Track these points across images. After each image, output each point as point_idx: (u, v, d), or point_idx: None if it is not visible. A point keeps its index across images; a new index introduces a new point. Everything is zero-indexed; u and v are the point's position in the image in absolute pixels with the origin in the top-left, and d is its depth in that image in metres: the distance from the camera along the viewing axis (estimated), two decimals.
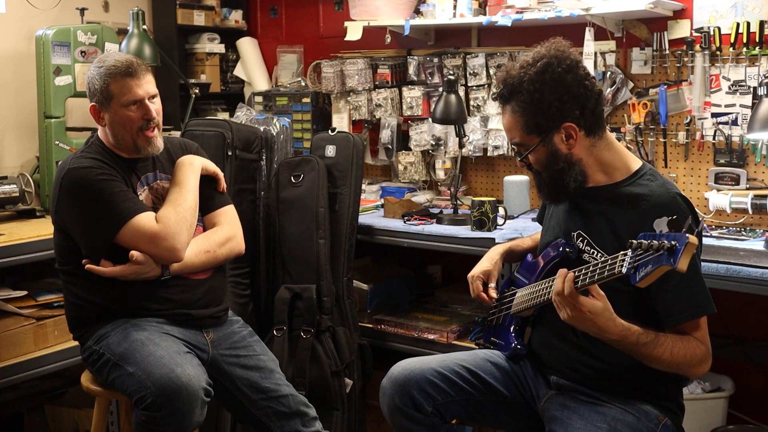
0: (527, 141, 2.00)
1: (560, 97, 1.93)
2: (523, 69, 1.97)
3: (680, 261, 1.60)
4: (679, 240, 1.60)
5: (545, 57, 1.96)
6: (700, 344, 1.89)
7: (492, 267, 2.26)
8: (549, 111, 1.94)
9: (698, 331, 1.90)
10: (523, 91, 1.95)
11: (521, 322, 2.17)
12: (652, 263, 1.65)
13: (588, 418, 1.94)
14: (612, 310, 1.82)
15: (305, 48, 4.10)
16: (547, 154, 1.99)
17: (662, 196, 1.92)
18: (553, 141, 1.97)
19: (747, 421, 3.02)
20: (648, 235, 1.68)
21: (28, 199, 3.30)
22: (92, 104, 2.34)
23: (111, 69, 2.32)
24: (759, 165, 2.99)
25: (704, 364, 1.91)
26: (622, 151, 2.04)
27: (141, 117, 2.33)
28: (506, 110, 2.02)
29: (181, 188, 2.37)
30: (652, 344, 1.84)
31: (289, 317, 3.05)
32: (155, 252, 2.26)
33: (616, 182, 2.00)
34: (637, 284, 1.68)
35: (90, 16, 3.65)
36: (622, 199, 1.96)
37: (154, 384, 2.08)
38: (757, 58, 2.93)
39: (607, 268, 1.77)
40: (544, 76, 1.93)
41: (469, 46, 3.61)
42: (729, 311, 2.94)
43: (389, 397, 2.12)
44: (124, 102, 2.31)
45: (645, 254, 1.67)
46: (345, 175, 3.18)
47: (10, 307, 2.93)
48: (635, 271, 1.69)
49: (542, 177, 2.04)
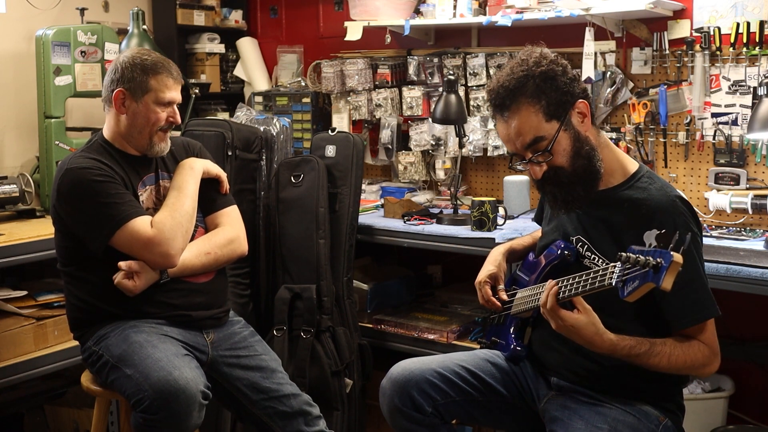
0: (548, 131, 1.90)
1: (566, 75, 1.93)
2: (515, 70, 1.93)
3: (664, 280, 1.60)
4: (664, 258, 1.60)
5: (533, 51, 1.95)
6: (704, 348, 1.88)
7: (497, 269, 2.24)
8: (564, 87, 1.91)
9: (703, 334, 1.89)
10: (534, 75, 1.90)
11: (521, 323, 2.17)
12: (639, 279, 1.64)
13: (588, 418, 1.94)
14: (598, 324, 1.82)
15: (305, 48, 4.10)
16: (572, 139, 1.91)
17: (661, 200, 1.90)
18: (573, 122, 1.92)
19: (747, 421, 3.02)
20: (637, 249, 1.67)
21: (28, 199, 3.30)
22: (119, 89, 2.31)
23: (157, 65, 2.33)
24: (759, 165, 2.99)
25: (709, 367, 1.90)
26: (617, 152, 2.02)
27: (166, 119, 2.35)
28: (515, 110, 1.92)
29: (179, 193, 2.36)
30: (646, 355, 1.85)
31: (289, 317, 3.05)
32: (149, 257, 2.25)
33: (614, 186, 1.98)
34: (626, 299, 1.68)
35: (90, 16, 3.65)
36: (621, 204, 1.94)
37: (152, 387, 2.07)
38: (757, 58, 2.93)
39: (598, 280, 1.77)
40: (546, 59, 1.93)
41: (469, 46, 3.61)
42: (729, 311, 2.91)
43: (389, 398, 2.11)
44: (160, 99, 2.33)
45: (633, 269, 1.66)
46: (345, 175, 3.18)
47: (10, 307, 2.93)
48: (624, 285, 1.68)
49: (569, 174, 1.92)
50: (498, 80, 1.96)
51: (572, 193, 1.94)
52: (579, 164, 1.92)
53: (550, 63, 1.92)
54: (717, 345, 1.91)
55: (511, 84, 1.93)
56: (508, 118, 1.94)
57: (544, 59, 1.93)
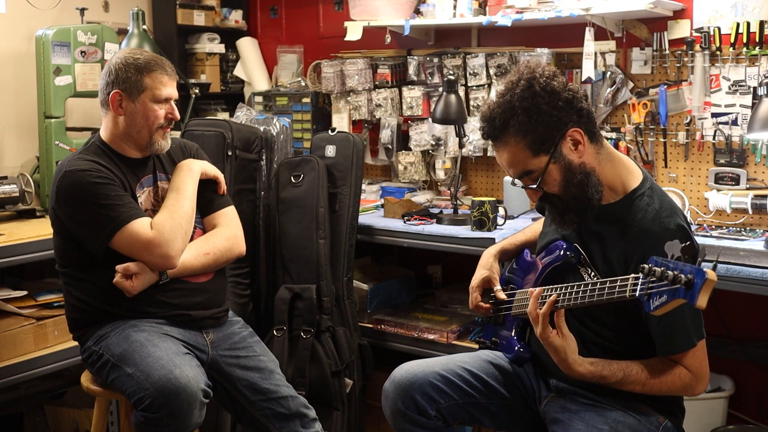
0: (537, 165, 1.90)
1: (554, 104, 1.88)
2: (506, 95, 1.91)
3: (699, 298, 1.53)
4: (697, 275, 1.53)
5: (522, 76, 1.91)
6: (685, 374, 1.86)
7: (490, 272, 2.24)
8: (550, 121, 1.87)
9: (686, 359, 1.86)
10: (517, 111, 1.87)
11: (522, 324, 2.16)
12: (667, 294, 1.59)
13: (589, 420, 1.94)
14: (570, 353, 1.86)
15: (305, 48, 4.10)
16: (562, 170, 1.90)
17: (653, 227, 1.86)
18: (563, 153, 1.89)
19: (747, 421, 3.03)
20: (660, 261, 1.62)
21: (28, 199, 3.30)
22: (115, 91, 2.32)
23: (150, 63, 2.33)
24: (759, 165, 2.99)
25: (690, 391, 1.89)
26: (620, 167, 1.96)
27: (165, 115, 2.35)
28: (504, 142, 1.92)
29: (178, 194, 2.36)
30: (621, 383, 1.88)
31: (289, 317, 3.05)
32: (149, 259, 2.25)
33: (612, 203, 1.95)
34: (652, 313, 1.64)
35: (90, 16, 3.65)
36: (615, 221, 1.92)
37: (153, 385, 2.07)
38: (757, 58, 2.93)
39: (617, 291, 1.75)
40: (531, 90, 1.87)
41: (469, 46, 3.61)
42: (729, 311, 2.94)
43: (392, 401, 2.11)
44: (156, 97, 2.33)
45: (659, 283, 1.60)
46: (345, 175, 3.18)
47: (10, 307, 2.93)
48: (649, 299, 1.63)
49: (562, 201, 1.93)
50: (488, 108, 1.94)
51: (565, 217, 1.95)
52: (570, 192, 1.91)
53: (534, 96, 1.87)
54: (703, 368, 1.88)
55: (497, 117, 1.91)
56: (498, 149, 1.96)
57: (530, 89, 1.87)
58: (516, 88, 1.89)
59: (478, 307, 2.22)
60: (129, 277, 2.25)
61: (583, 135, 1.90)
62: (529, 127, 1.88)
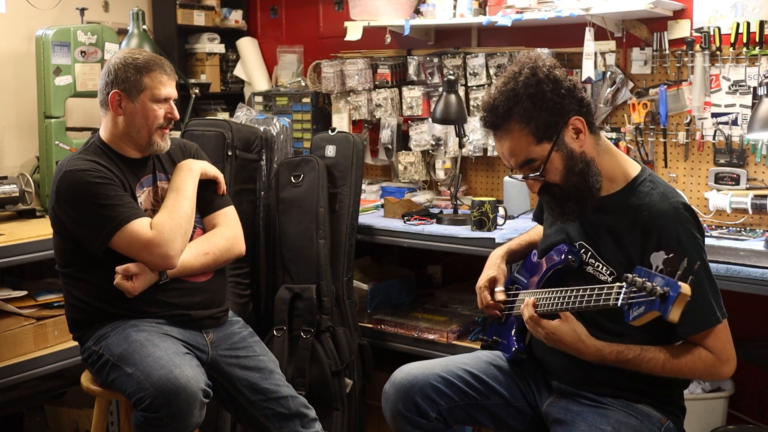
0: (539, 153, 1.90)
1: (558, 91, 1.89)
2: (509, 84, 1.91)
3: (671, 312, 1.58)
4: (672, 288, 1.58)
5: (525, 64, 1.92)
6: (707, 355, 1.85)
7: (497, 272, 2.24)
8: (554, 107, 1.89)
9: (708, 341, 1.85)
10: (521, 98, 1.88)
11: (522, 324, 2.16)
12: (645, 306, 1.63)
13: (591, 421, 1.94)
14: (580, 330, 1.86)
15: (305, 48, 4.10)
16: (564, 158, 1.90)
17: (662, 207, 1.87)
18: (565, 141, 1.90)
19: (747, 421, 3.02)
20: (644, 272, 1.66)
21: (28, 199, 3.31)
22: (115, 91, 2.32)
23: (149, 63, 2.33)
24: (759, 165, 2.99)
25: (714, 374, 1.88)
26: (619, 157, 1.99)
27: (164, 115, 2.36)
28: (507, 130, 1.92)
29: (177, 194, 2.36)
30: (636, 360, 1.86)
31: (289, 317, 3.05)
32: (148, 259, 2.25)
33: (616, 192, 1.96)
34: (631, 323, 1.69)
35: (90, 16, 3.65)
36: (623, 210, 1.93)
37: (153, 385, 2.07)
38: (757, 58, 2.93)
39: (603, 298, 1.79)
40: (535, 77, 1.89)
41: (469, 46, 3.61)
42: (729, 311, 2.92)
43: (393, 404, 2.10)
44: (156, 96, 2.33)
45: (639, 293, 1.65)
46: (345, 175, 3.18)
47: (10, 307, 2.93)
48: (629, 308, 1.68)
49: (563, 190, 1.93)
50: (490, 97, 1.94)
51: (565, 207, 1.95)
52: (572, 181, 1.92)
53: (539, 83, 1.88)
54: (727, 351, 1.87)
55: (501, 105, 1.91)
56: (500, 138, 1.96)
57: (534, 77, 1.89)
58: (519, 76, 1.90)
59: (488, 306, 2.21)
60: (129, 278, 2.25)
61: (584, 124, 1.92)
62: (534, 113, 1.89)
